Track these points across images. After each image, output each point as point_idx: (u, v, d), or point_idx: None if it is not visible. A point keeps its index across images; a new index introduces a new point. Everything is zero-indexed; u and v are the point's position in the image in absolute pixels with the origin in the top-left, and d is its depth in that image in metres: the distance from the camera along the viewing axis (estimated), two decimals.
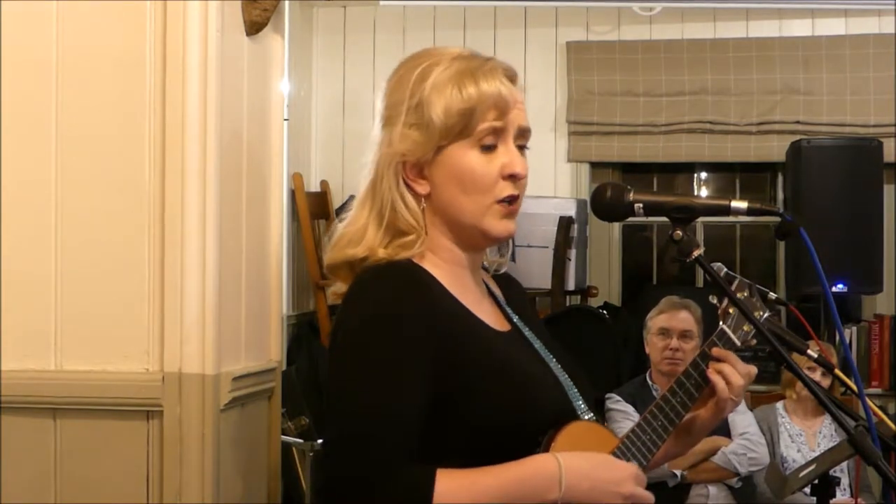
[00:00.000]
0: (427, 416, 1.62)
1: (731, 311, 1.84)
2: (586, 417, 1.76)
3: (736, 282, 1.84)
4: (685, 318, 4.22)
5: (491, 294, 1.87)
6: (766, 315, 1.86)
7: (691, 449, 2.01)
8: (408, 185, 1.74)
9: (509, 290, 1.93)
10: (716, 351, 1.83)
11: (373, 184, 1.76)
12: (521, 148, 1.76)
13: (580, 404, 1.78)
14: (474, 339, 1.70)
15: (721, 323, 1.85)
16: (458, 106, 1.70)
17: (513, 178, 1.73)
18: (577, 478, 1.63)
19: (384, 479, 1.56)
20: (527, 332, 1.84)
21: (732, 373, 1.81)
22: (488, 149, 1.72)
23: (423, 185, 1.74)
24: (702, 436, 1.93)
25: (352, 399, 1.62)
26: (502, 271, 1.93)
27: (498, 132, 1.73)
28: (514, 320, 1.85)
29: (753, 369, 1.85)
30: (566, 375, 1.80)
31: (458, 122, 1.70)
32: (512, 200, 1.74)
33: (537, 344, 1.83)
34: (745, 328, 1.84)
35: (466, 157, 1.72)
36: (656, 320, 4.27)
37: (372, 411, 1.59)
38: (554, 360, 1.81)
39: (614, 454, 1.75)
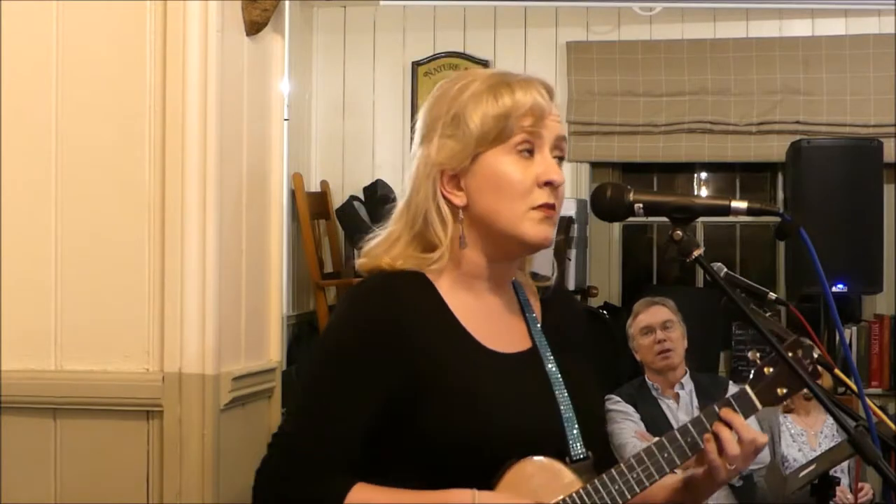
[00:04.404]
0: (377, 428, 1.65)
1: (766, 371, 1.71)
2: (573, 454, 1.69)
3: (790, 339, 1.68)
4: (662, 311, 4.32)
5: (522, 311, 1.82)
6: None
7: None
8: (445, 199, 1.73)
9: (556, 312, 1.86)
10: (724, 412, 1.69)
11: (409, 197, 1.76)
12: (559, 160, 1.75)
13: (573, 438, 1.70)
14: (446, 356, 1.67)
15: (746, 386, 1.72)
16: (494, 111, 1.70)
17: (549, 185, 1.71)
18: None
19: (301, 481, 1.65)
20: (547, 357, 1.77)
21: (729, 440, 1.66)
22: (525, 155, 1.71)
23: (460, 197, 1.72)
24: (701, 498, 1.76)
25: (298, 401, 1.73)
26: (546, 284, 1.86)
27: (534, 139, 1.72)
28: (537, 342, 1.78)
29: (762, 438, 1.70)
30: (572, 407, 1.73)
31: (494, 127, 1.70)
32: (548, 207, 1.71)
33: (552, 369, 1.76)
34: (780, 391, 1.70)
35: (502, 162, 1.71)
36: (636, 323, 4.36)
37: (310, 416, 1.68)
38: (566, 391, 1.74)
39: (565, 501, 1.65)
